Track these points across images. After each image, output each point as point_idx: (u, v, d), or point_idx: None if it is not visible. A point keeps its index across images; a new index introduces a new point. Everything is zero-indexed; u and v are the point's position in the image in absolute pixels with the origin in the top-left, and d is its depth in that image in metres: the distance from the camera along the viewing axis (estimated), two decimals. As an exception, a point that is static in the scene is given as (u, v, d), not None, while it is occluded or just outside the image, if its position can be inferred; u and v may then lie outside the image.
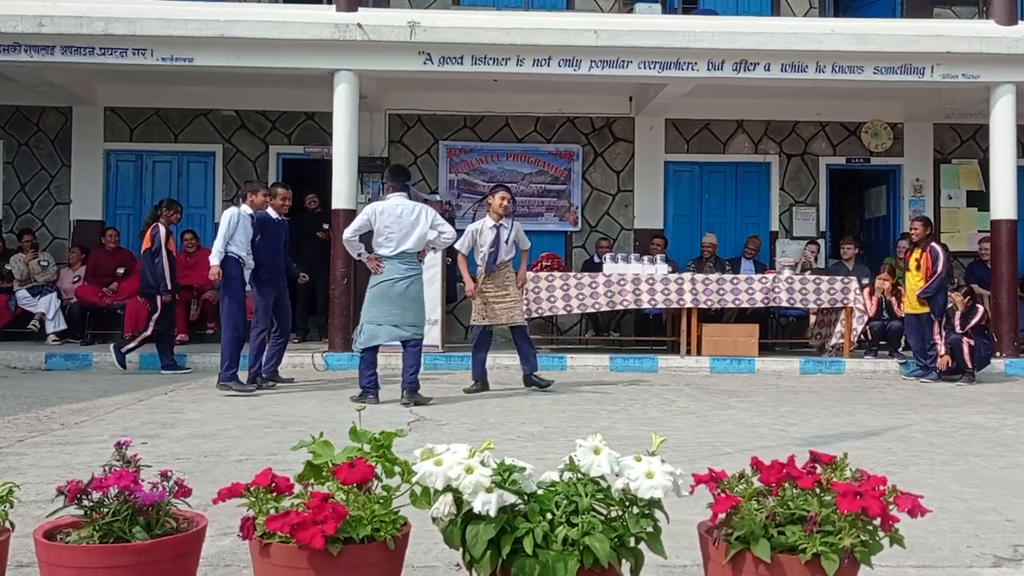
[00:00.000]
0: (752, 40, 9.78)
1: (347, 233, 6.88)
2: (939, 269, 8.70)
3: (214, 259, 7.29)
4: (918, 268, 8.88)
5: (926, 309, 8.83)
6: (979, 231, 11.90)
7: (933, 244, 8.98)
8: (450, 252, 8.67)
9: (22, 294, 10.63)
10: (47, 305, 10.53)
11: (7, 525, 2.18)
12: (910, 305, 9.02)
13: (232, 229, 7.34)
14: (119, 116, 11.88)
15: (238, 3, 10.32)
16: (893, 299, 9.98)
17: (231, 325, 7.36)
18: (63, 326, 10.52)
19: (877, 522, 1.95)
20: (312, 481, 2.17)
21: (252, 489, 2.10)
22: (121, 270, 10.94)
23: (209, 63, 9.70)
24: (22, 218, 11.83)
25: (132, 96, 11.67)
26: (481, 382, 7.54)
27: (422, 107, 11.90)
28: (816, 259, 11.49)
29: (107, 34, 9.34)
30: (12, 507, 2.20)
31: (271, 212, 7.77)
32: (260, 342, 7.58)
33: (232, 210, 7.54)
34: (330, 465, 2.15)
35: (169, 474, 2.21)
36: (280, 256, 7.78)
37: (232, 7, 9.71)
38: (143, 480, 2.14)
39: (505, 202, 7.54)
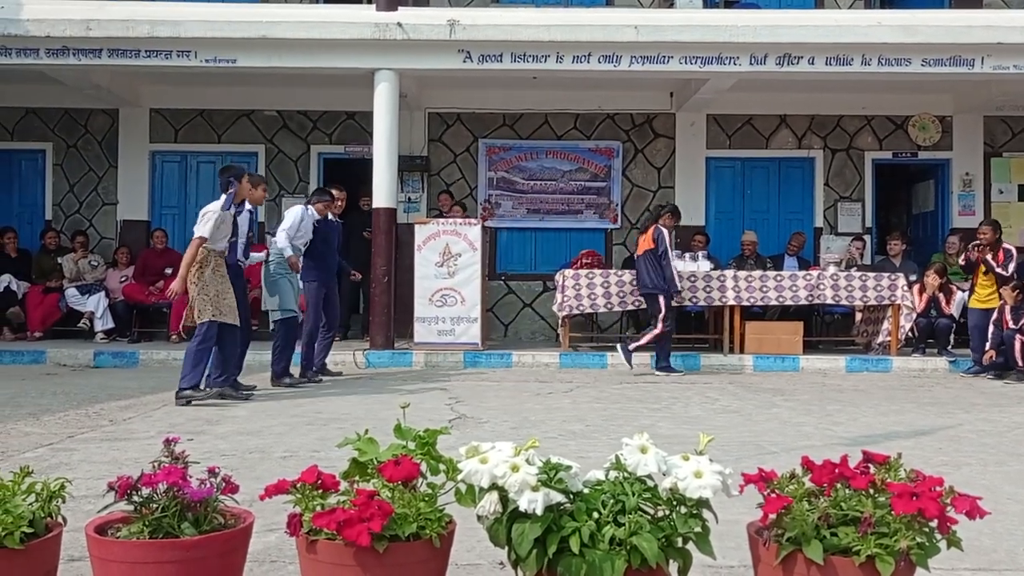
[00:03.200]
0: (796, 33, 9.64)
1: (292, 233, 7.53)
2: (1011, 271, 8.69)
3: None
4: (986, 273, 8.82)
5: (992, 304, 8.73)
6: (1030, 226, 11.64)
7: (1006, 245, 8.93)
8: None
9: (71, 292, 10.84)
10: (96, 304, 10.73)
11: (60, 520, 2.21)
12: (977, 300, 8.92)
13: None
14: (164, 117, 12.07)
15: (279, 4, 10.44)
16: (941, 295, 9.79)
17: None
18: (110, 324, 10.72)
19: (934, 524, 1.90)
20: (358, 478, 2.17)
21: (299, 486, 2.11)
22: (169, 270, 11.10)
23: (251, 64, 9.81)
24: (71, 218, 12.07)
25: (176, 98, 11.85)
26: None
27: (461, 105, 11.92)
28: (861, 255, 11.29)
29: (152, 36, 9.50)
30: (64, 502, 2.23)
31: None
32: (311, 338, 7.84)
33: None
34: (375, 462, 2.15)
35: (217, 471, 2.22)
36: (332, 254, 8.03)
37: (273, 8, 9.82)
38: (191, 476, 2.16)
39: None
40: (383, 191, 9.69)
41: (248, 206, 6.88)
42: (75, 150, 12.13)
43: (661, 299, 8.64)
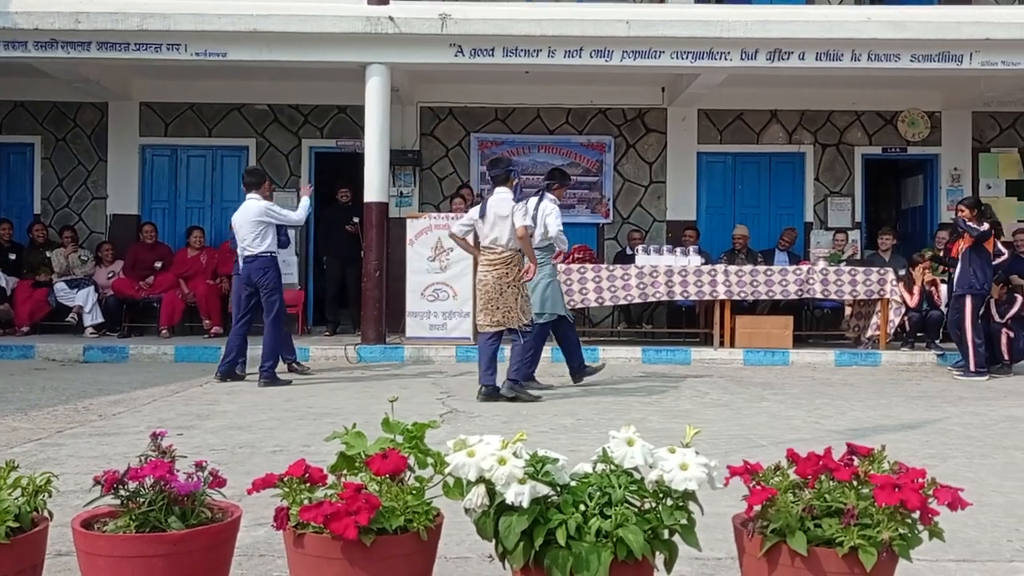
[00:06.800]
0: (786, 29, 9.65)
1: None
2: (1003, 250, 8.68)
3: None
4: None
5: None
6: (1018, 221, 11.67)
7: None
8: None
9: (60, 287, 10.78)
10: (84, 298, 10.68)
11: (46, 514, 2.20)
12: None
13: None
14: (154, 111, 12.02)
15: (270, -3, 10.36)
16: (933, 288, 9.83)
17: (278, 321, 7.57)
18: (100, 319, 10.66)
19: (916, 515, 1.92)
20: (345, 472, 2.17)
21: (286, 480, 2.11)
22: (159, 264, 11.05)
23: (242, 57, 9.77)
24: (60, 212, 12.01)
25: (166, 91, 11.80)
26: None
27: (453, 100, 11.91)
28: (843, 250, 11.27)
29: (142, 29, 9.45)
30: (51, 496, 2.23)
31: None
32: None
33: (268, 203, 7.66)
34: (363, 456, 2.15)
35: (204, 464, 2.22)
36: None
37: (264, 1, 9.76)
38: (178, 471, 2.16)
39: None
40: (375, 185, 9.67)
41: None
42: (64, 144, 12.07)
43: None
